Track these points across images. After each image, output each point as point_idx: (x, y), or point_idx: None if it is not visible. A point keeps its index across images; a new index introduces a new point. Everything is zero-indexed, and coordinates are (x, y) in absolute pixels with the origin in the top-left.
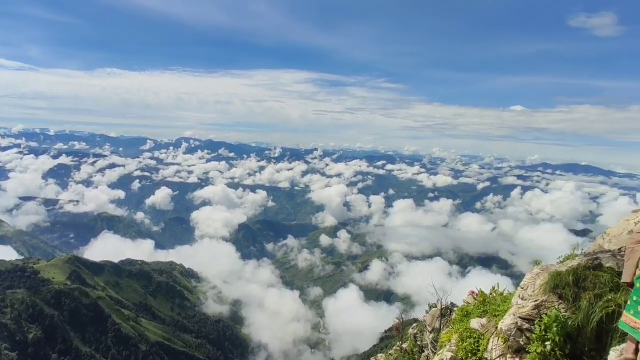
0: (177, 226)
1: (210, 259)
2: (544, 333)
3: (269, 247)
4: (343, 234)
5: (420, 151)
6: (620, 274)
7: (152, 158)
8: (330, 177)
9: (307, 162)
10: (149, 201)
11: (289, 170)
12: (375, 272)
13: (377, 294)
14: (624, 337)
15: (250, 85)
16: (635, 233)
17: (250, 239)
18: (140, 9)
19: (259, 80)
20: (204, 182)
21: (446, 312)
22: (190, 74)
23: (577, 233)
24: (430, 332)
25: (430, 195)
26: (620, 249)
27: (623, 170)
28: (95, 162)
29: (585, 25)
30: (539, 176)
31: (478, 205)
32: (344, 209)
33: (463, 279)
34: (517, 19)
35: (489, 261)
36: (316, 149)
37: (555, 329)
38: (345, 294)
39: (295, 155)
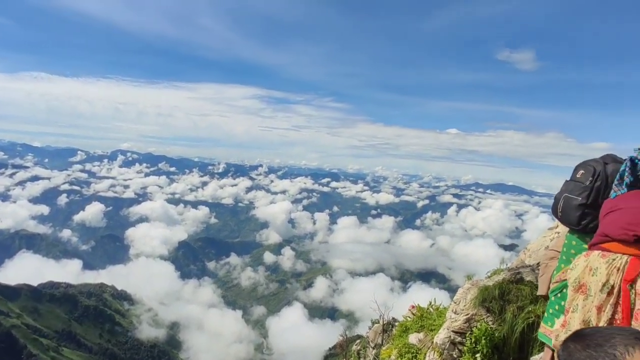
0: (109, 244)
1: (146, 279)
2: (474, 345)
3: (211, 265)
4: (287, 251)
5: (364, 169)
6: (537, 287)
7: (82, 171)
8: (275, 193)
9: (251, 178)
10: (77, 217)
11: (232, 186)
12: (320, 289)
13: (321, 311)
14: (542, 346)
15: (194, 98)
16: (549, 249)
17: (191, 257)
18: (74, 12)
19: (204, 94)
20: (142, 197)
21: (388, 327)
22: (130, 83)
23: (505, 247)
24: (373, 348)
25: (373, 212)
26: (538, 264)
27: (542, 190)
28: (14, 173)
29: (509, 59)
30: (472, 194)
31: (418, 222)
32: (288, 226)
33: (404, 294)
34: (452, 50)
35: (428, 276)
36: (261, 165)
37: (484, 341)
38: (289, 312)
39: (239, 171)
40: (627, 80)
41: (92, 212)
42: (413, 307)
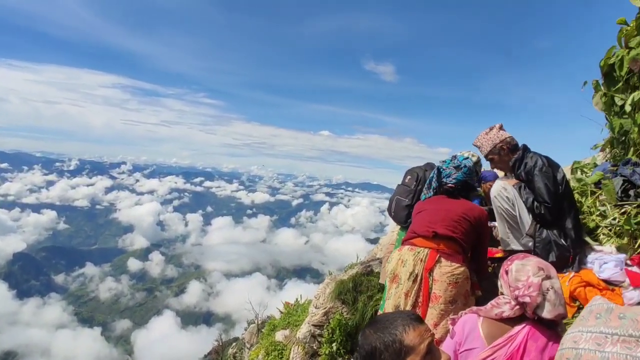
0: None
1: None
2: (331, 336)
3: (59, 278)
4: (156, 256)
5: (239, 168)
6: None
7: None
8: (141, 194)
9: (112, 177)
10: None
11: (88, 185)
12: (193, 294)
13: (195, 317)
14: None
15: (36, 81)
16: (390, 244)
17: (32, 271)
18: None
19: (50, 77)
20: None
21: (263, 327)
22: None
23: (371, 241)
24: (249, 349)
25: (249, 211)
26: (385, 256)
27: None
28: None
29: (374, 70)
30: (342, 193)
31: (293, 220)
32: (157, 229)
33: (280, 292)
34: (326, 56)
35: (303, 272)
36: (124, 163)
37: (338, 331)
38: (159, 323)
39: (97, 168)
40: (466, 97)
41: None
42: (288, 303)
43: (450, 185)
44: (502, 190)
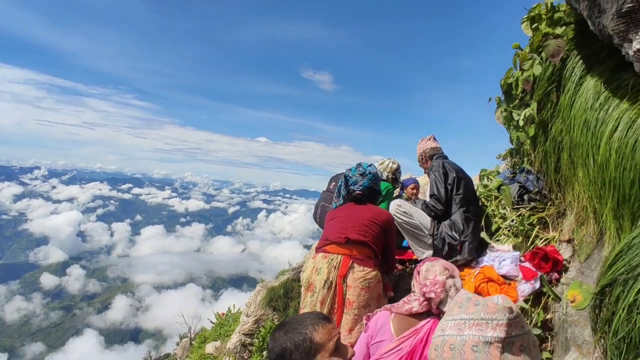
0: None
1: None
2: (261, 344)
3: None
4: (75, 270)
5: (172, 175)
6: None
7: None
8: (59, 202)
9: (23, 184)
10: None
11: None
12: (119, 310)
13: (121, 335)
14: None
15: None
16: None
17: None
18: None
19: None
20: None
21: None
22: None
23: (309, 248)
24: None
25: (182, 219)
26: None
27: None
28: None
29: (312, 78)
30: (280, 200)
31: (229, 228)
32: (77, 240)
33: (216, 302)
34: (264, 63)
35: (239, 281)
36: (38, 168)
37: (269, 338)
38: (78, 344)
39: (4, 173)
40: (398, 108)
41: None
42: (223, 314)
43: (357, 192)
44: (397, 207)
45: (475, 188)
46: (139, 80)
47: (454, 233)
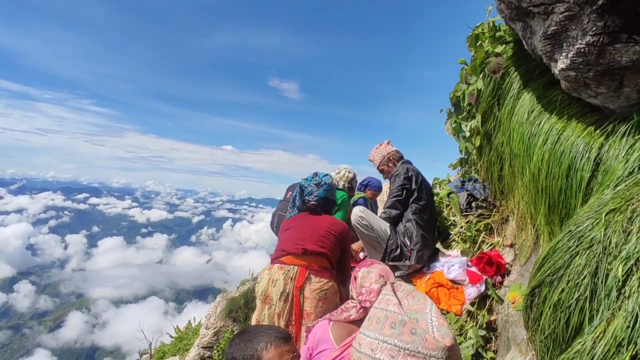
0: None
1: None
2: (221, 357)
3: None
4: (24, 287)
5: (133, 184)
6: None
7: None
8: (6, 213)
9: None
10: None
11: None
12: (73, 327)
13: (76, 354)
14: None
15: None
16: None
17: None
18: None
19: None
20: None
21: None
22: None
23: None
24: None
25: (144, 230)
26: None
27: None
28: None
29: (279, 87)
30: (246, 209)
31: (193, 238)
32: (26, 254)
33: (179, 315)
34: (230, 70)
35: (204, 292)
36: None
37: (228, 342)
38: None
39: None
40: (365, 118)
41: None
42: (184, 327)
43: (312, 202)
44: (359, 219)
45: None
46: (97, 85)
47: (406, 240)
